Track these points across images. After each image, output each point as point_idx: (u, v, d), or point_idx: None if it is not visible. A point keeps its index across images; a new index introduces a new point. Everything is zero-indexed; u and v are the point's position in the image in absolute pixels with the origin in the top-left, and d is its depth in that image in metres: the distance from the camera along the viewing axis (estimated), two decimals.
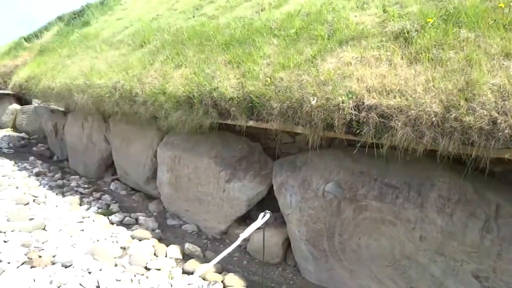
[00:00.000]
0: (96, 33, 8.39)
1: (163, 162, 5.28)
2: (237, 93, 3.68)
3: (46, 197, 5.79)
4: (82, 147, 7.60)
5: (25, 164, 8.07)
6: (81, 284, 3.36)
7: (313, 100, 3.04)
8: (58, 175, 7.24)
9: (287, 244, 4.14)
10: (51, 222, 4.64)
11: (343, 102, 2.84)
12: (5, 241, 4.06)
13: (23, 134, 11.76)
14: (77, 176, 7.28)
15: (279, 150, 4.66)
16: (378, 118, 2.66)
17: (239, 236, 4.55)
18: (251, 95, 3.54)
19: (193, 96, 4.00)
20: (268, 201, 4.31)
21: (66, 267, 3.66)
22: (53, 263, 3.72)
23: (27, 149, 10.08)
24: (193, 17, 6.08)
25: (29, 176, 7.12)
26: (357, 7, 4.00)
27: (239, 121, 3.77)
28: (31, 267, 3.59)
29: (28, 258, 3.74)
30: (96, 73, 5.75)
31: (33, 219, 4.78)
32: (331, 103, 2.91)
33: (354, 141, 3.00)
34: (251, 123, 3.71)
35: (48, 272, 3.52)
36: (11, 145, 10.18)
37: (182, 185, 4.99)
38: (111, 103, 5.14)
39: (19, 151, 9.68)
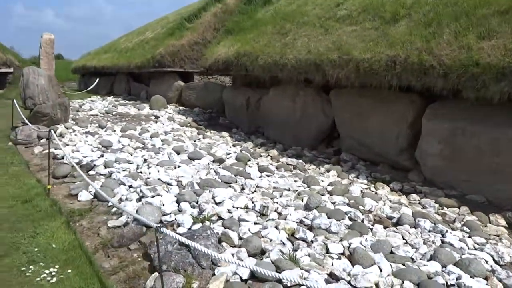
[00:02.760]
0: (299, 11, 8.66)
1: (430, 133, 5.38)
2: None
3: (304, 165, 6.26)
4: (294, 120, 8.03)
5: (237, 136, 8.78)
6: (450, 244, 3.56)
7: None
8: (280, 146, 7.75)
9: None
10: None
11: None
12: (332, 203, 4.46)
13: (196, 109, 12.69)
14: (294, 147, 7.70)
15: None
16: None
17: None
18: None
19: None
20: None
21: (414, 227, 3.92)
22: (398, 224, 4.01)
23: (213, 121, 10.94)
24: None
25: (257, 146, 7.73)
26: None
27: None
28: (384, 227, 3.91)
29: (374, 218, 4.07)
30: (351, 48, 5.97)
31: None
32: None
33: None
34: None
35: (402, 231, 3.80)
36: (200, 117, 11.11)
37: (462, 156, 5.04)
38: (389, 76, 5.30)
39: (210, 123, 10.56)
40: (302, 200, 4.43)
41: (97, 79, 18.57)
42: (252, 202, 4.22)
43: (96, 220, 3.94)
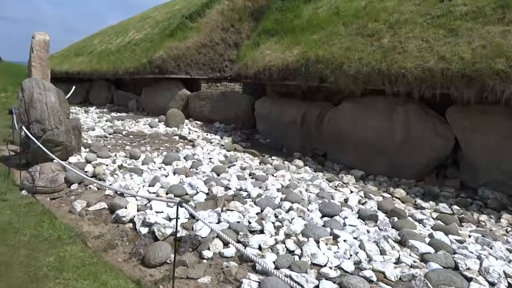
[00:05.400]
0: (379, 8, 6.98)
1: None
2: None
3: (469, 214, 4.63)
4: (392, 143, 6.40)
5: (309, 164, 7.02)
6: None
7: None
8: (383, 178, 6.10)
9: None
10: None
11: None
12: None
13: (217, 124, 10.69)
14: (395, 178, 6.12)
15: None
16: None
17: None
18: None
19: None
20: None
21: None
22: None
23: (252, 141, 9.03)
24: None
25: (358, 180, 6.02)
26: None
27: None
28: None
29: None
30: None
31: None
32: None
33: None
34: None
35: None
36: (235, 136, 9.14)
37: None
38: None
39: (253, 144, 8.64)
40: None
41: (74, 87, 15.80)
42: None
43: None
